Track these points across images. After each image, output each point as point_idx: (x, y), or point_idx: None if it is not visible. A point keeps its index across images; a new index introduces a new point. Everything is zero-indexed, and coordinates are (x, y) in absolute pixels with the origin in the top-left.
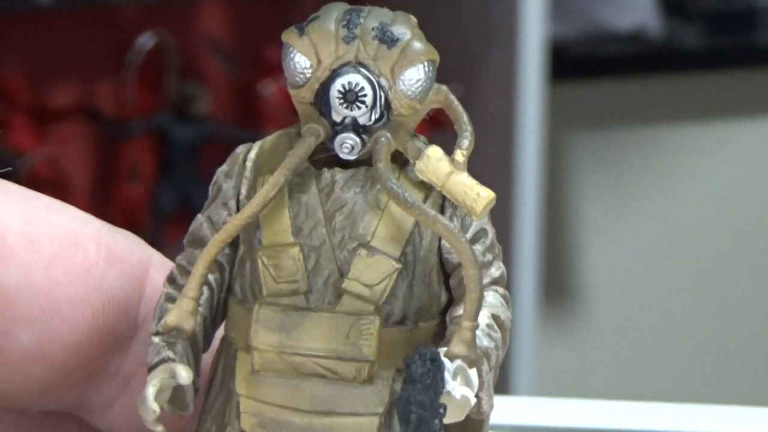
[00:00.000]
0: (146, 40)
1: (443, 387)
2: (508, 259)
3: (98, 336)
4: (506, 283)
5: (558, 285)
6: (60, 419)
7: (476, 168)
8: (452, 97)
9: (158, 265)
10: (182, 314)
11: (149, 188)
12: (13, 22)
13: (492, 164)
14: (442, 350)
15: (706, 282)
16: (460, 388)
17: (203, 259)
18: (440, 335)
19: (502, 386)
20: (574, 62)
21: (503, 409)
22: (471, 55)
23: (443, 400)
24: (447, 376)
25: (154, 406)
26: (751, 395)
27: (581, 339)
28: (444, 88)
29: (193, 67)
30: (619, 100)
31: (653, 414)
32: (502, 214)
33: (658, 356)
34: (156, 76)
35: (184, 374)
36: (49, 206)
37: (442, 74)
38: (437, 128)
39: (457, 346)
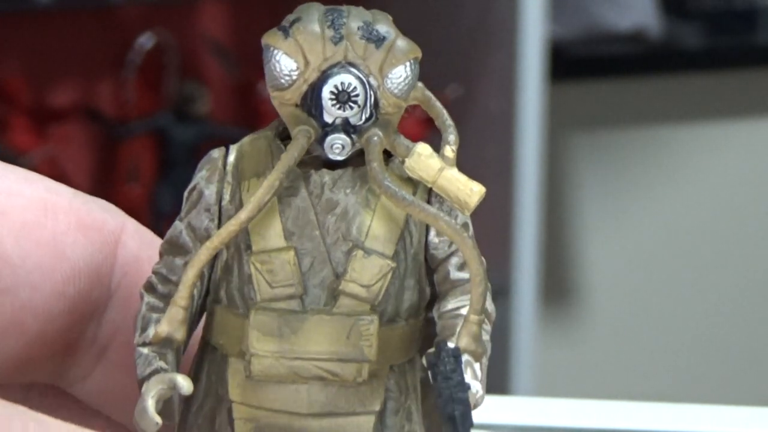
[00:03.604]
0: (146, 40)
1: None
2: (508, 259)
3: (71, 304)
4: (506, 282)
5: (558, 285)
6: (43, 392)
7: (476, 168)
8: (429, 93)
9: (132, 232)
10: (173, 323)
11: (149, 188)
12: (13, 22)
13: (492, 164)
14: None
15: (705, 282)
16: (473, 382)
17: (194, 266)
18: (426, 331)
19: (502, 386)
20: (574, 62)
21: (503, 409)
22: (471, 56)
23: None
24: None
25: (157, 418)
26: (751, 395)
27: (581, 339)
28: (420, 84)
29: (193, 67)
30: (619, 100)
31: (653, 414)
32: (502, 214)
33: (657, 356)
34: (156, 76)
35: (186, 384)
36: (21, 178)
37: (442, 75)
38: (434, 127)
39: (465, 340)
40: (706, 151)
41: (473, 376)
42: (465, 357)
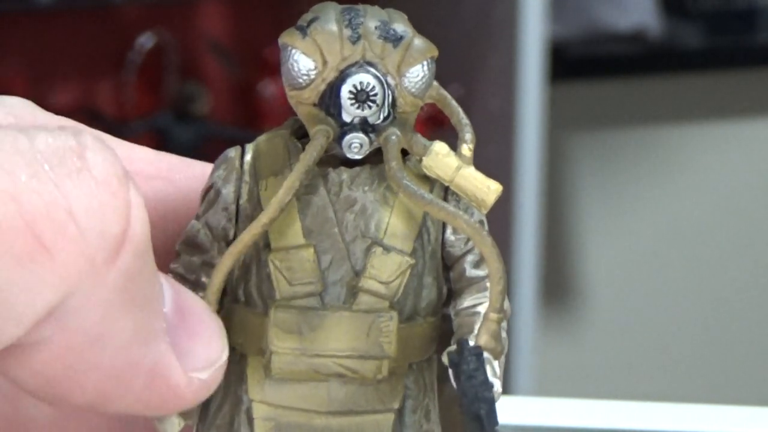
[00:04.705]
0: (146, 40)
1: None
2: (508, 259)
3: None
4: (506, 281)
5: (558, 285)
6: None
7: (476, 168)
8: (444, 92)
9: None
10: None
11: None
12: (13, 22)
13: (492, 164)
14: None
15: (705, 282)
16: (494, 380)
17: (220, 271)
18: (441, 329)
19: (502, 386)
20: (574, 62)
21: (503, 409)
22: (471, 55)
23: None
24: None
25: (178, 420)
26: (751, 395)
27: (581, 339)
28: (435, 83)
29: (193, 67)
30: (619, 100)
31: (653, 414)
32: (502, 214)
33: (658, 356)
34: (156, 76)
35: None
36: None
37: (442, 75)
38: (438, 127)
39: (484, 338)
40: (706, 151)
41: (493, 374)
42: (485, 355)
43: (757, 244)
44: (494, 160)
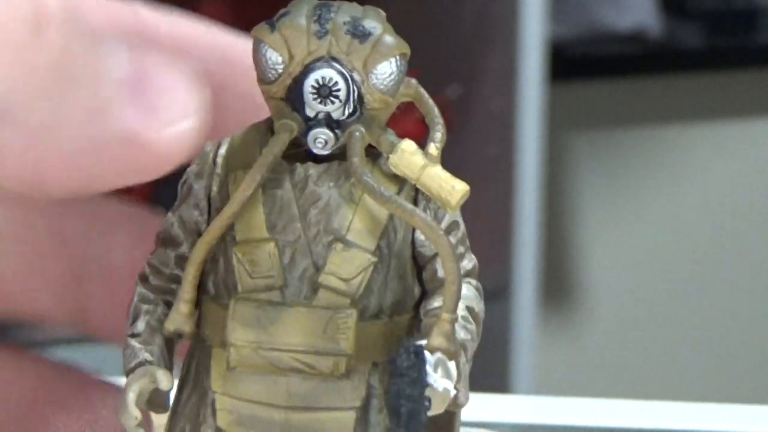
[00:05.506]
0: None
1: (426, 380)
2: (508, 259)
3: None
4: (506, 282)
5: (558, 285)
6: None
7: (476, 168)
8: (422, 90)
9: None
10: (180, 318)
11: (149, 187)
12: None
13: (492, 164)
14: (423, 343)
15: (705, 282)
16: (441, 381)
17: (193, 264)
18: (414, 329)
19: (502, 386)
20: (574, 62)
21: (503, 409)
22: (471, 55)
23: (426, 392)
24: (429, 368)
25: (136, 413)
26: (751, 395)
27: (581, 339)
28: (413, 81)
29: None
30: (619, 100)
31: (653, 414)
32: (502, 214)
33: (658, 356)
34: None
35: (165, 381)
36: None
37: (442, 75)
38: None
39: (437, 339)
40: (706, 151)
41: (445, 375)
42: (437, 356)
43: (757, 243)
44: (494, 160)
